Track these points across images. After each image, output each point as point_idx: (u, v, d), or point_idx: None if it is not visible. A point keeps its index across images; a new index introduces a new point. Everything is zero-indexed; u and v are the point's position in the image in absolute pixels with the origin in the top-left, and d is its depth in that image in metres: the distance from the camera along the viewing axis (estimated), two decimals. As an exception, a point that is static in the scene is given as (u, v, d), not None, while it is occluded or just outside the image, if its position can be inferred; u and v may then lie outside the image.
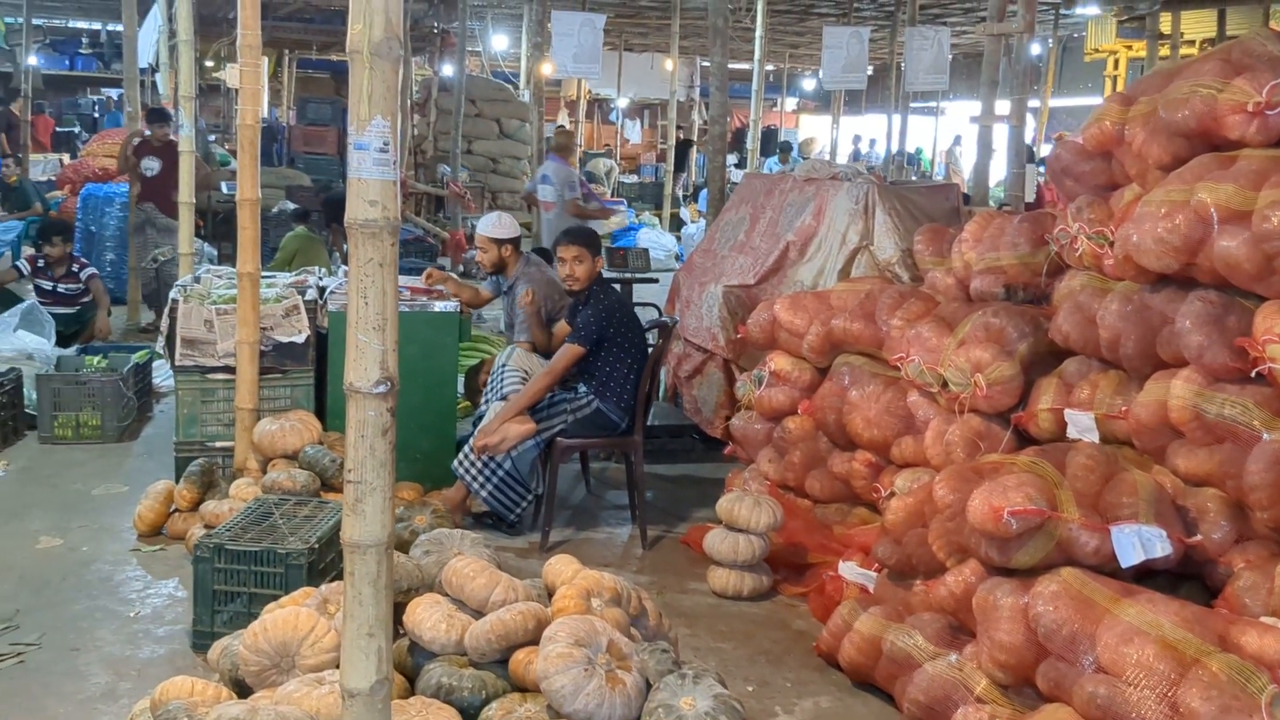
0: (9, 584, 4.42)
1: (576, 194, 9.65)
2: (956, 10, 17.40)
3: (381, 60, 2.70)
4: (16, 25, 22.08)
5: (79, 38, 28.82)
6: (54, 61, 27.50)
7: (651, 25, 21.06)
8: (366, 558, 2.65)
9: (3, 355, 6.87)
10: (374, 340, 2.73)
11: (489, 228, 5.79)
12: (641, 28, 21.79)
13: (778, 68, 25.75)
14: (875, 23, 17.66)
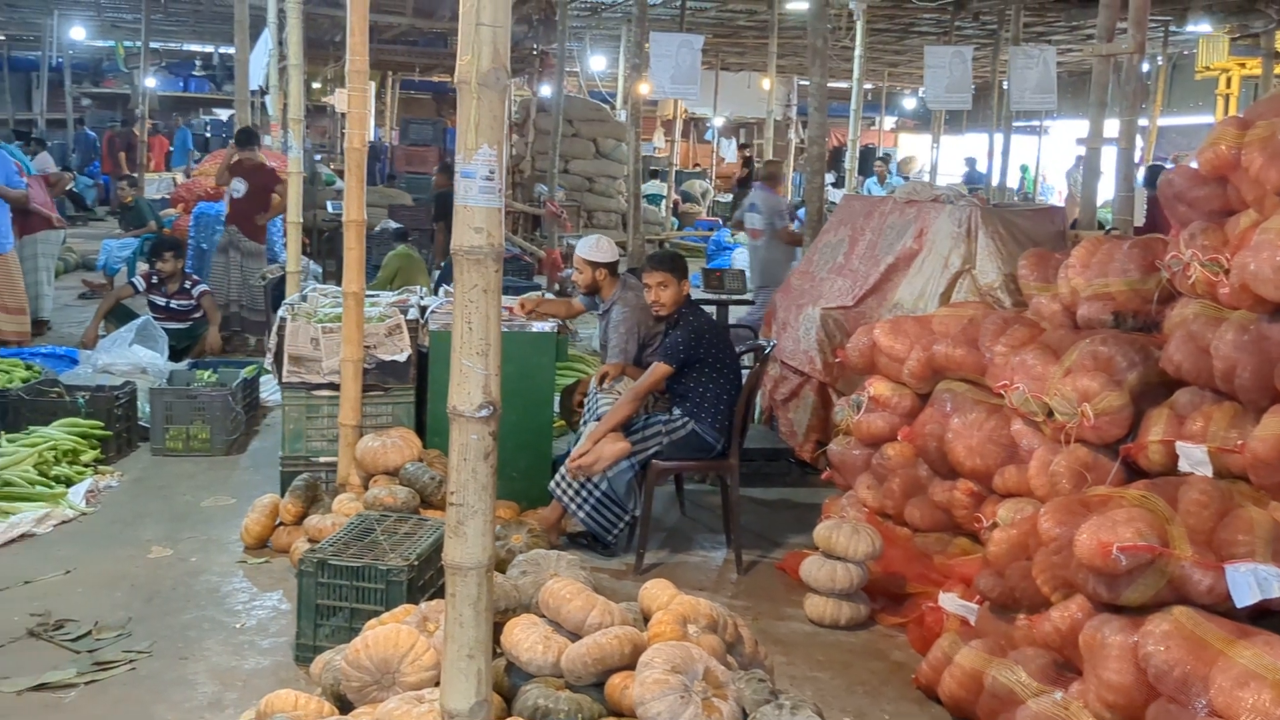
0: (122, 592, 4.57)
1: (785, 222, 9.68)
2: (1061, 28, 17.08)
3: (489, 90, 2.75)
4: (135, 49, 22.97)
5: (193, 60, 29.86)
6: (169, 83, 28.54)
7: (749, 45, 21.08)
8: (468, 579, 2.69)
9: (118, 369, 7.13)
10: (477, 365, 2.77)
11: (587, 250, 5.84)
12: (739, 47, 21.82)
13: (876, 86, 25.55)
14: (977, 41, 17.42)
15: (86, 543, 5.09)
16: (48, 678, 3.81)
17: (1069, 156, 21.93)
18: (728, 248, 14.92)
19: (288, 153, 8.53)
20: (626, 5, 16.94)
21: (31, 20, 23.54)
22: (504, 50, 2.78)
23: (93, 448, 6.11)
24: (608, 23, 19.63)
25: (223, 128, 24.82)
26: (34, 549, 4.98)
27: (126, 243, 12.49)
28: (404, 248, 10.68)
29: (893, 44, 20.09)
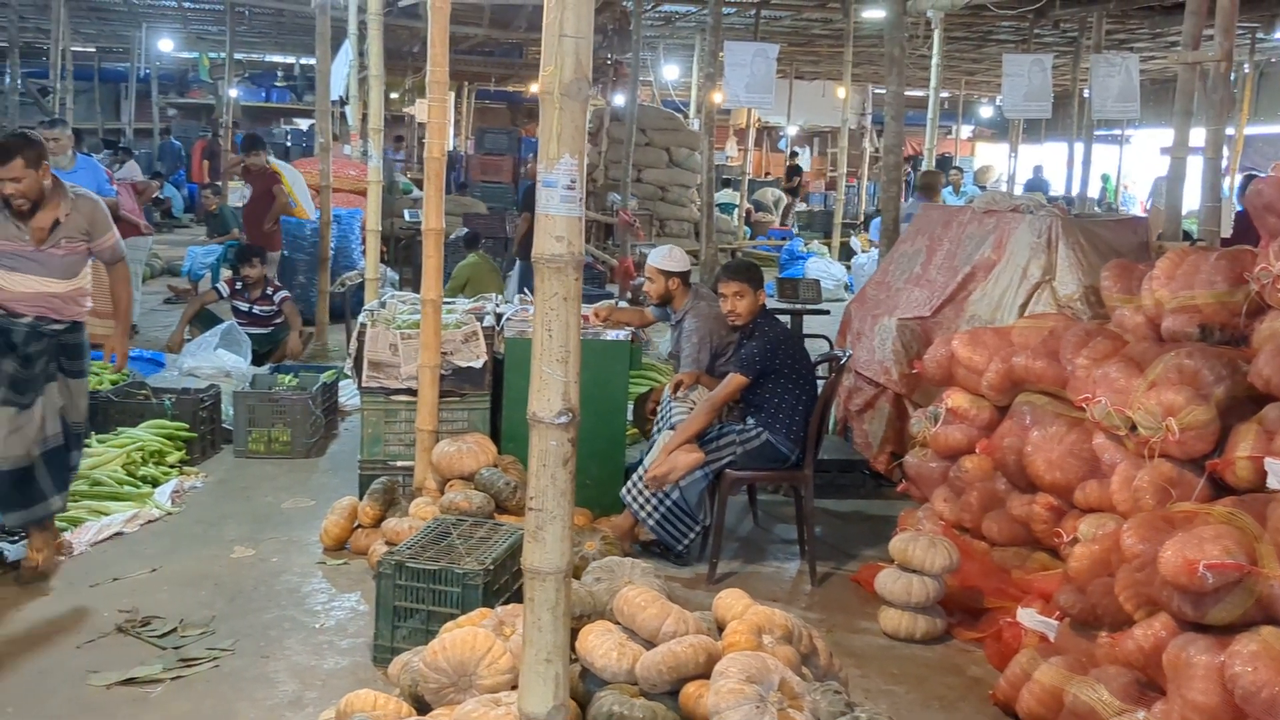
0: (206, 591, 4.68)
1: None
2: (1144, 35, 16.77)
3: (571, 101, 2.78)
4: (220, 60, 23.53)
5: (275, 71, 30.49)
6: (251, 93, 29.18)
7: (823, 53, 20.99)
8: (546, 584, 2.71)
9: (203, 372, 7.30)
10: (557, 372, 2.80)
11: (659, 259, 5.86)
12: (813, 56, 21.74)
13: (953, 94, 25.29)
14: (1057, 49, 17.16)
15: (172, 542, 5.22)
16: (135, 673, 3.91)
17: (1155, 166, 21.52)
18: (800, 257, 14.86)
19: (367, 162, 8.68)
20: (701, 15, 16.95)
21: (121, 33, 24.24)
22: (586, 61, 2.82)
23: (178, 449, 6.26)
24: (681, 32, 19.67)
25: (303, 137, 25.29)
26: (122, 547, 5.12)
27: (210, 249, 12.79)
28: (474, 256, 10.81)
29: (970, 52, 19.87)
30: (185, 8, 20.20)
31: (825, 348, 6.86)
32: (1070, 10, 14.40)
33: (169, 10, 20.86)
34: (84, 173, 8.75)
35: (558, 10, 2.76)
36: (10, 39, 17.36)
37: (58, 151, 8.70)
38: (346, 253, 11.23)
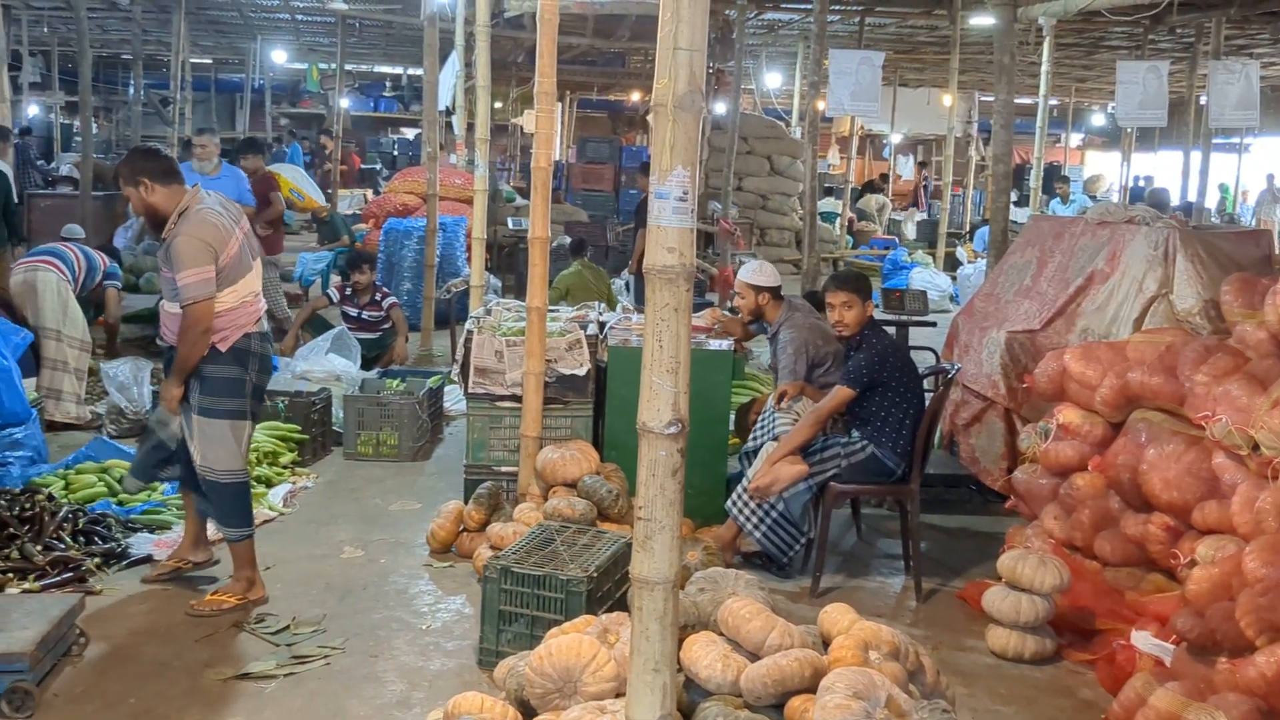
0: (317, 590, 4.80)
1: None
2: (1264, 41, 16.20)
3: (684, 113, 2.79)
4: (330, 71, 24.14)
5: (383, 81, 31.17)
6: (360, 103, 29.88)
7: (928, 60, 20.71)
8: (654, 594, 2.73)
9: (315, 376, 7.48)
10: (667, 382, 2.81)
11: (749, 275, 5.86)
12: (918, 63, 21.47)
13: (1063, 102, 24.74)
14: (1172, 55, 16.68)
15: (285, 541, 5.36)
16: (250, 668, 4.03)
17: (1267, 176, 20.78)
18: (904, 267, 14.67)
19: (474, 171, 8.83)
20: (804, 23, 16.86)
21: (237, 45, 25.04)
22: (700, 74, 2.83)
23: (291, 450, 6.43)
24: (784, 40, 19.59)
25: (409, 146, 25.83)
26: (238, 545, 5.28)
27: (321, 256, 13.11)
28: (577, 265, 10.90)
29: (1081, 58, 19.42)
30: (298, 20, 20.78)
31: (932, 360, 6.78)
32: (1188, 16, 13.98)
33: (283, 23, 21.48)
34: (228, 180, 9.06)
35: (672, 24, 2.78)
36: (134, 52, 18.04)
37: (204, 158, 9.03)
38: (451, 260, 11.41)
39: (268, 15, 20.54)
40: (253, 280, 4.60)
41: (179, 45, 17.56)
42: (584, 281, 10.78)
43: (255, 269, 4.63)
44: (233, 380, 4.48)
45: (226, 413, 4.49)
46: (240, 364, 4.50)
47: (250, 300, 4.58)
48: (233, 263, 4.46)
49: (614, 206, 17.60)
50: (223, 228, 4.46)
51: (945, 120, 17.26)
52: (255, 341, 4.56)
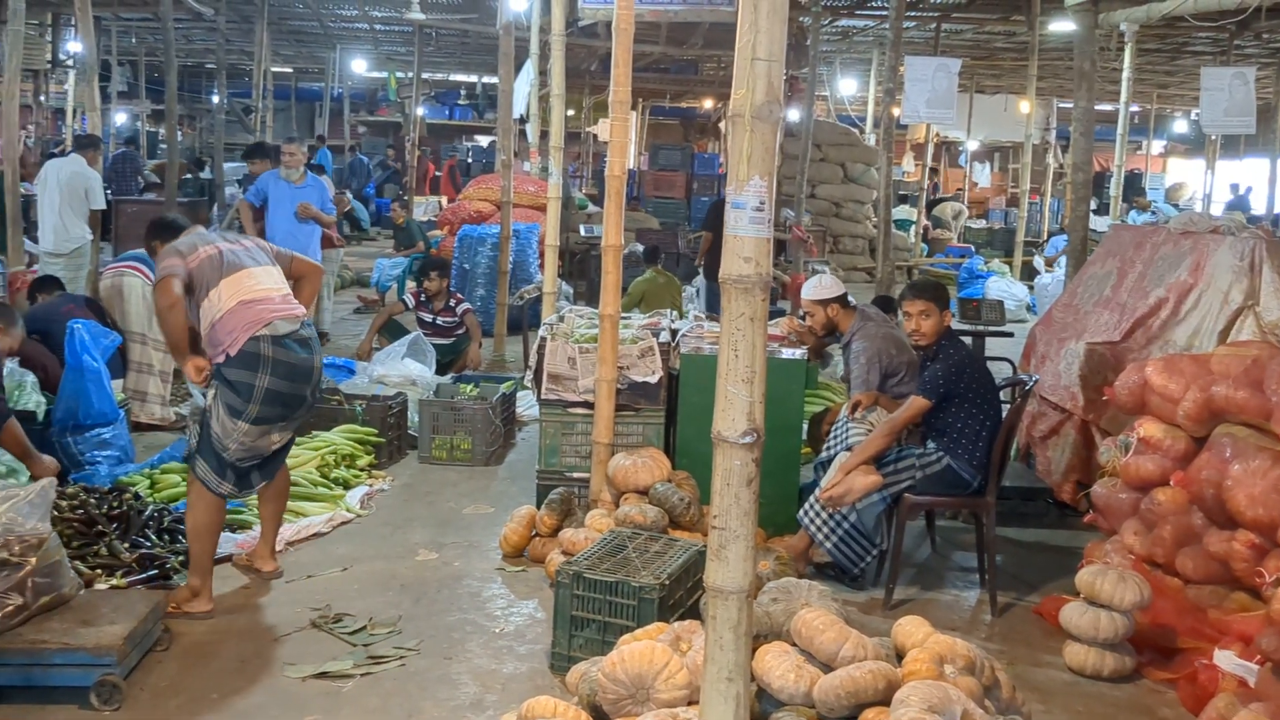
0: (393, 591, 4.87)
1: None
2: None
3: (762, 123, 2.80)
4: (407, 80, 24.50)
5: (458, 90, 31.55)
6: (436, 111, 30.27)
7: (1005, 67, 20.45)
8: (729, 603, 2.73)
9: (391, 380, 7.60)
10: (742, 392, 2.82)
11: (811, 292, 5.82)
12: (995, 69, 21.21)
13: (1144, 108, 24.26)
14: (1260, 60, 16.27)
15: (361, 542, 5.45)
16: (328, 667, 4.11)
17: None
18: (980, 276, 14.48)
19: (548, 178, 8.89)
20: (880, 29, 16.76)
21: (317, 54, 25.55)
22: (777, 84, 2.83)
23: (367, 453, 6.54)
24: (859, 46, 19.48)
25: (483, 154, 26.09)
26: (316, 546, 5.38)
27: (397, 261, 13.31)
28: (651, 272, 10.93)
29: (1163, 64, 19.04)
30: (376, 30, 21.14)
31: (1008, 371, 6.70)
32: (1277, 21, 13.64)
33: (361, 33, 21.87)
34: (311, 189, 9.26)
35: (750, 34, 2.79)
36: (218, 61, 18.48)
37: (291, 165, 9.24)
38: (524, 266, 11.52)
39: (347, 25, 20.92)
40: (249, 281, 4.60)
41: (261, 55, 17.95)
42: (656, 289, 10.80)
43: (258, 271, 4.66)
44: (241, 383, 4.49)
45: (227, 408, 4.50)
46: (249, 368, 4.50)
47: (252, 300, 4.56)
48: (205, 264, 4.56)
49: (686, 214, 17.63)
50: (195, 243, 4.65)
51: (1023, 127, 17.04)
52: (266, 345, 4.52)
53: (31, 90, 18.94)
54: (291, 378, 4.58)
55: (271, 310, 4.58)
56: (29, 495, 4.01)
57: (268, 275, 4.70)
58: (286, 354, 4.55)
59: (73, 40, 17.86)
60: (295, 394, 4.62)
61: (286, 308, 4.65)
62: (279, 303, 4.64)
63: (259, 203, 9.25)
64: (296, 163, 9.28)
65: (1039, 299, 13.36)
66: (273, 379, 4.52)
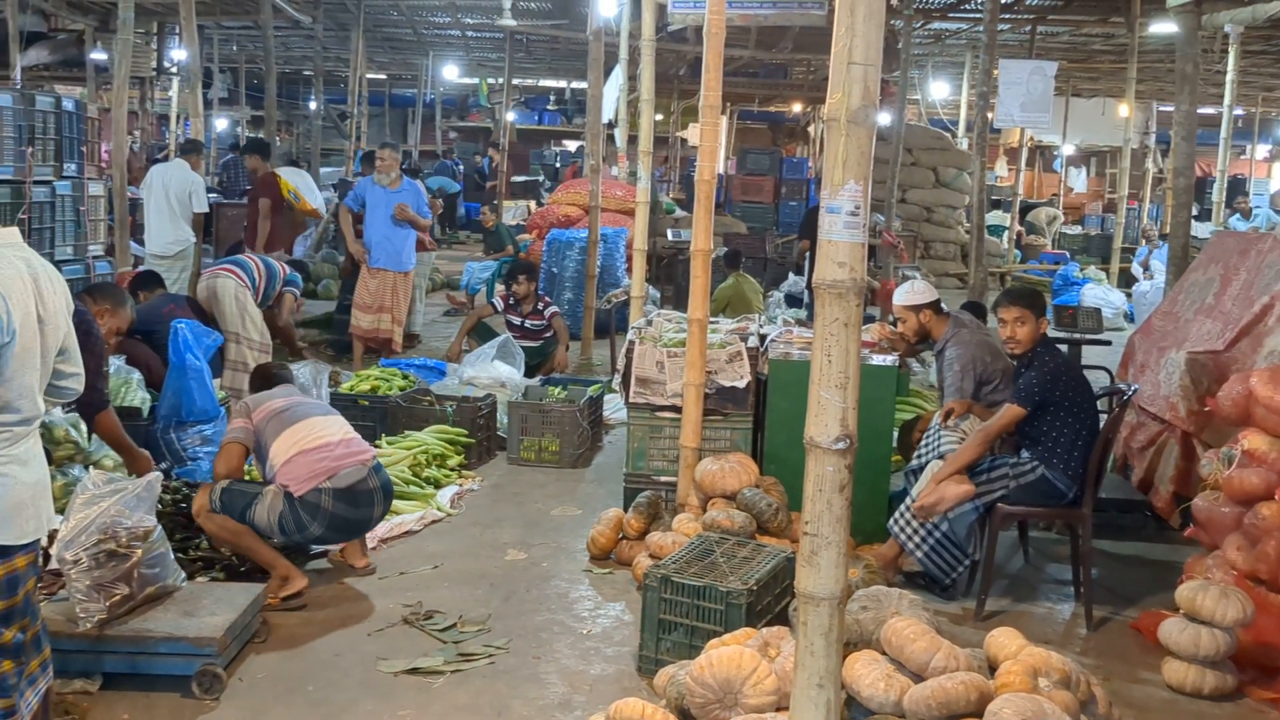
0: (483, 590, 4.93)
1: None
2: None
3: (857, 127, 2.79)
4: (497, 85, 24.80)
5: (547, 95, 31.85)
6: (525, 116, 30.60)
7: (1103, 69, 20.02)
8: (820, 610, 2.72)
9: (481, 382, 7.69)
10: (836, 397, 2.80)
11: (903, 298, 5.76)
12: (1092, 72, 20.77)
13: (1248, 112, 23.53)
14: (1375, 60, 15.70)
15: (452, 541, 5.53)
16: (420, 663, 4.17)
17: None
18: (1075, 283, 14.18)
19: (636, 183, 8.94)
20: (973, 32, 16.53)
21: (411, 60, 25.99)
22: (874, 88, 2.82)
23: (457, 453, 6.63)
24: (951, 49, 19.24)
25: (570, 158, 26.30)
26: (408, 544, 5.47)
27: (486, 265, 13.47)
28: (734, 277, 10.92)
29: (1269, 66, 18.46)
30: (468, 37, 21.44)
31: (1106, 380, 6.55)
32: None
33: (453, 39, 22.20)
34: (408, 193, 9.43)
35: (846, 39, 2.77)
36: (315, 68, 18.92)
37: (385, 170, 9.44)
38: (611, 270, 11.58)
39: (440, 32, 21.24)
40: (306, 431, 4.73)
41: (356, 62, 18.32)
42: (741, 294, 10.79)
43: (318, 421, 4.80)
44: (296, 519, 4.63)
45: (279, 521, 4.63)
46: (308, 513, 4.63)
47: (310, 449, 4.68)
48: (268, 419, 4.80)
49: (774, 218, 17.56)
50: (262, 399, 4.93)
51: (1121, 131, 16.66)
52: (328, 498, 4.63)
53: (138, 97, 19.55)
54: (344, 530, 4.79)
55: (333, 460, 4.70)
56: (136, 489, 4.14)
57: (330, 424, 4.86)
58: (346, 509, 4.70)
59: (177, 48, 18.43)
60: (346, 535, 4.86)
61: (351, 455, 4.77)
62: (339, 449, 4.75)
63: (358, 208, 9.44)
64: (390, 168, 9.45)
65: (1137, 307, 13.04)
66: (326, 531, 4.71)
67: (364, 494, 4.75)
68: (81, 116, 5.86)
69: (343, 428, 4.91)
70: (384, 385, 7.32)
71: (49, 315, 3.04)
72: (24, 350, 2.93)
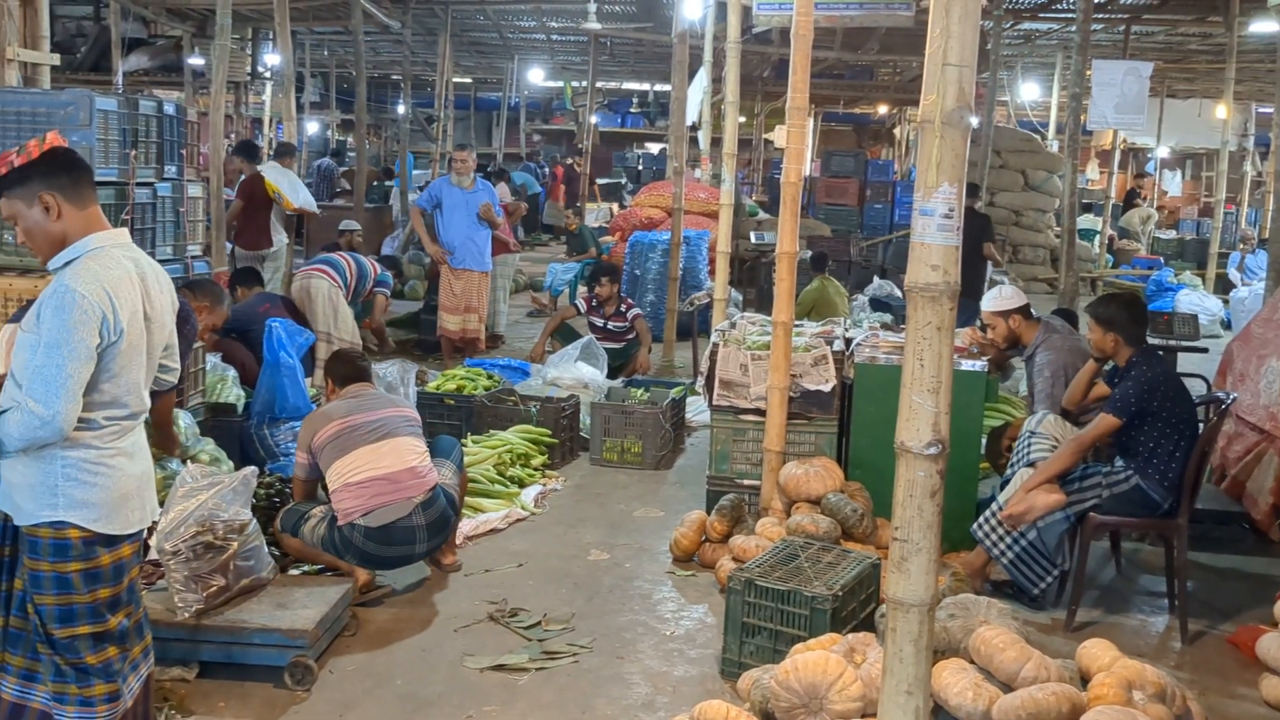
0: (566, 589, 4.97)
1: None
2: None
3: (952, 129, 2.76)
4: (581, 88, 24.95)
5: (629, 98, 31.96)
6: (608, 119, 30.75)
7: (1199, 70, 19.50)
8: (909, 616, 2.70)
9: (564, 382, 7.75)
10: (928, 402, 2.78)
11: (991, 304, 5.68)
12: (1188, 73, 20.25)
13: (1354, 112, 22.72)
14: None
15: (536, 540, 5.58)
16: (505, 660, 4.22)
17: None
18: (1170, 288, 13.82)
19: (720, 185, 8.93)
20: (1064, 32, 16.20)
21: (497, 64, 26.26)
22: (969, 89, 2.78)
23: (541, 453, 6.69)
24: (1042, 50, 18.88)
25: (653, 161, 26.35)
26: (493, 541, 5.54)
27: (570, 267, 13.55)
28: (819, 281, 10.83)
29: (1377, 65, 17.81)
30: (553, 40, 21.59)
31: (1202, 388, 6.38)
32: None
33: (538, 43, 22.37)
34: (482, 193, 9.56)
35: (941, 39, 2.75)
36: (403, 72, 19.20)
37: (463, 172, 9.57)
38: (694, 273, 11.58)
39: (525, 36, 21.44)
40: (359, 461, 4.70)
41: (443, 66, 18.55)
42: (826, 297, 10.70)
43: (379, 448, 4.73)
44: (334, 546, 4.69)
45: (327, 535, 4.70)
46: (344, 544, 4.66)
47: (357, 483, 4.66)
48: (327, 445, 4.77)
49: (858, 221, 17.39)
50: (330, 415, 4.87)
51: (1218, 133, 16.20)
52: (359, 535, 4.63)
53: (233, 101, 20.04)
54: (377, 565, 4.77)
55: (373, 497, 4.66)
56: (232, 483, 4.26)
57: (385, 452, 4.75)
58: (377, 548, 4.68)
59: (271, 53, 18.84)
60: (383, 567, 4.82)
61: (397, 491, 4.70)
62: (384, 484, 4.68)
63: (430, 209, 9.57)
64: (467, 169, 9.57)
65: (1235, 314, 12.66)
66: (360, 562, 4.70)
67: (402, 531, 4.68)
68: (182, 120, 6.02)
69: (399, 456, 4.76)
70: (469, 385, 7.41)
71: (155, 313, 3.14)
72: (131, 348, 3.03)
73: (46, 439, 2.91)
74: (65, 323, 2.88)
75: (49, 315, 2.90)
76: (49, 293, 2.94)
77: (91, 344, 2.91)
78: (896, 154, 26.41)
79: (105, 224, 3.11)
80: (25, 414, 2.87)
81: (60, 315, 2.88)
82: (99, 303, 2.92)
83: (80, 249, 3.02)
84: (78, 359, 2.89)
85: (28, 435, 2.89)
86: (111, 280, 2.98)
